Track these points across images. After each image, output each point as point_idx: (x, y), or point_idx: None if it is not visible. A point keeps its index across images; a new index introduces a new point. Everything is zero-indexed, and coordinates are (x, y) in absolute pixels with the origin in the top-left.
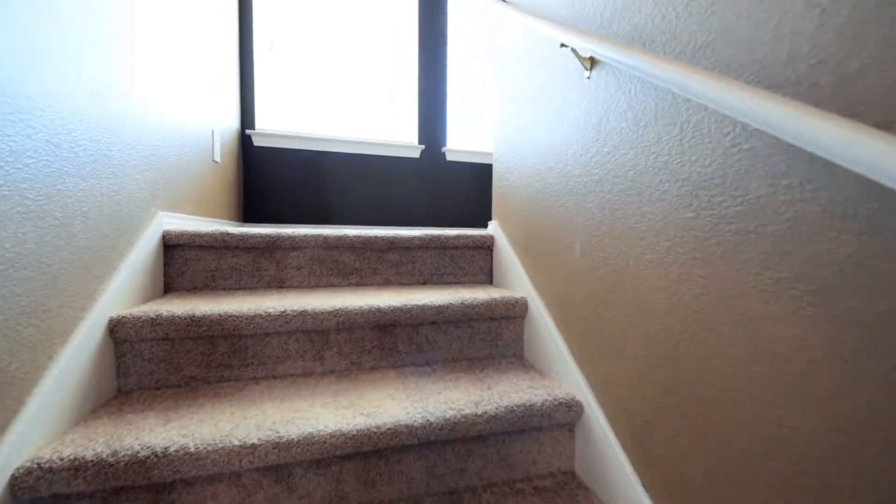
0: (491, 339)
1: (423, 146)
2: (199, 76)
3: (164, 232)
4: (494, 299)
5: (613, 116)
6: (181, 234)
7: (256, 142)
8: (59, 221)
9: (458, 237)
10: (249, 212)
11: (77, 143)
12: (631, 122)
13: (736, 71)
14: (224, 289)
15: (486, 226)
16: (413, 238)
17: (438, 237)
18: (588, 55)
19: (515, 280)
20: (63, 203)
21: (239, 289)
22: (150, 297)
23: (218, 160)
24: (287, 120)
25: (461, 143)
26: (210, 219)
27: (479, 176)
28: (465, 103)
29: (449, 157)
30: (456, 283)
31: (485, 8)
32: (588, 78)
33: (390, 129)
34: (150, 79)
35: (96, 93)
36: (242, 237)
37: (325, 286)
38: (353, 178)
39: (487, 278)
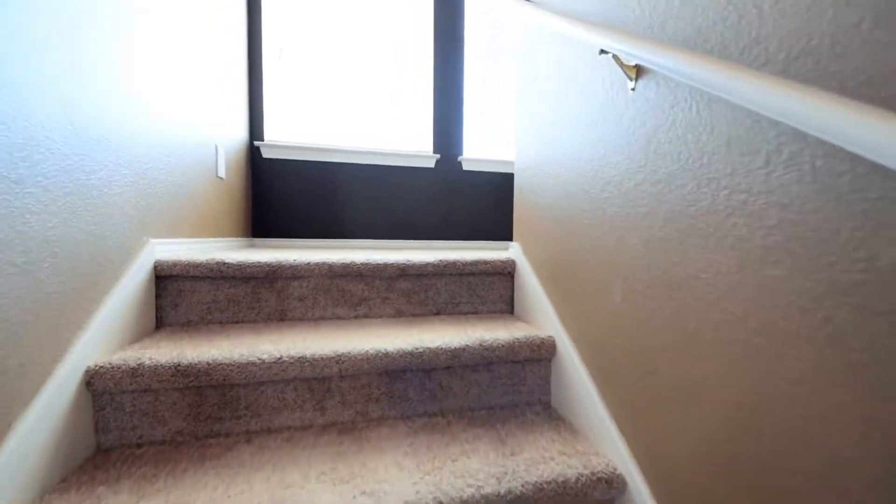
0: (513, 383)
1: (438, 155)
2: (202, 88)
3: (155, 262)
4: (517, 340)
5: (666, 138)
6: (174, 265)
7: (265, 153)
8: (21, 268)
9: (475, 263)
10: (259, 227)
11: (46, 174)
12: (691, 147)
13: (854, 90)
14: (221, 322)
15: (504, 237)
16: (426, 265)
17: (454, 263)
18: (633, 63)
19: (540, 314)
20: (25, 247)
21: (237, 322)
22: (139, 334)
23: (222, 176)
24: (296, 130)
25: (478, 151)
26: (213, 239)
27: (497, 186)
28: (482, 110)
29: (465, 167)
30: (473, 312)
31: (509, 9)
32: (632, 90)
33: (404, 138)
34: (142, 95)
35: (67, 115)
36: (240, 266)
37: (331, 318)
38: (365, 189)
39: (507, 307)
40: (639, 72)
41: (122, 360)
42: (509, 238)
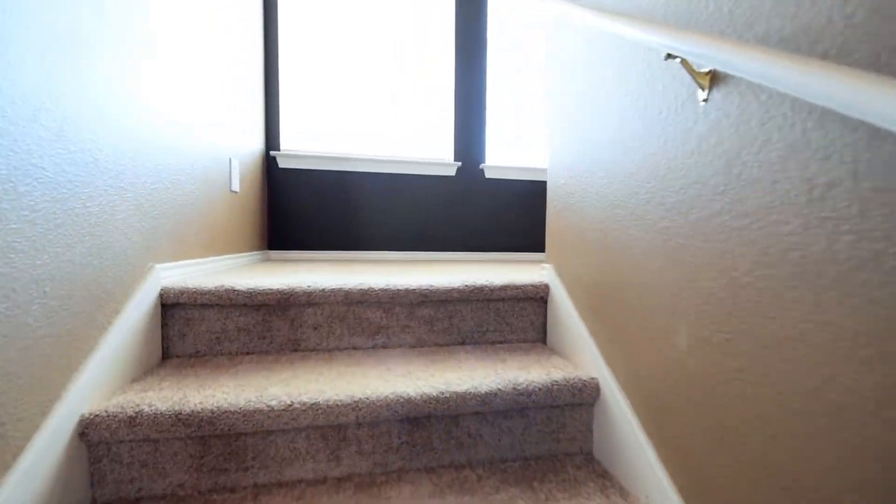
0: (551, 431)
1: (459, 163)
2: (216, 98)
3: (161, 289)
4: (556, 382)
5: (755, 162)
6: (181, 292)
7: (281, 164)
8: (3, 315)
9: (504, 288)
10: (274, 239)
11: (33, 207)
12: (794, 176)
13: None
14: (230, 353)
15: (530, 248)
16: (450, 290)
17: (481, 289)
18: (706, 69)
19: (579, 348)
20: (8, 290)
21: (247, 352)
22: (143, 368)
23: (236, 189)
24: (312, 139)
25: (501, 158)
26: (226, 256)
27: (521, 194)
28: (505, 114)
29: (488, 175)
30: (501, 341)
31: (542, 9)
32: (704, 101)
33: (423, 146)
34: (150, 108)
35: (61, 137)
36: (251, 294)
37: (346, 348)
38: (383, 199)
39: (539, 335)
40: (713, 80)
41: (119, 408)
42: (535, 249)
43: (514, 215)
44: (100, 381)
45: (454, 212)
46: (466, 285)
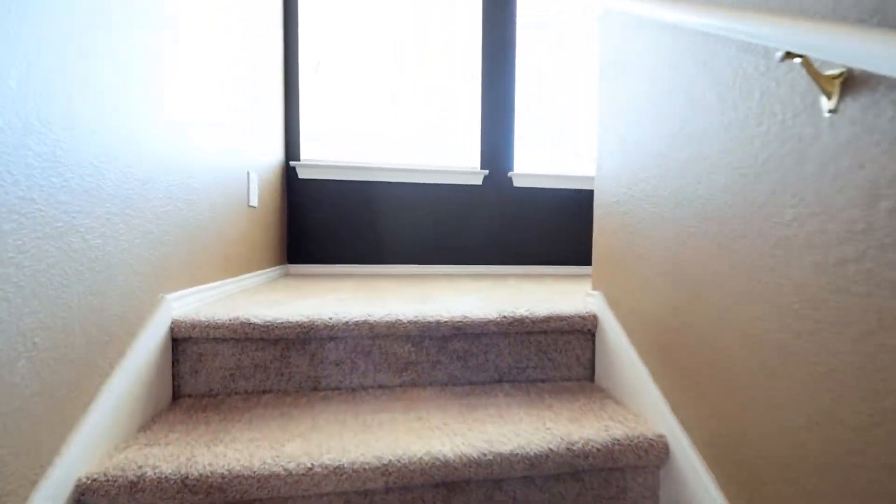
0: (610, 497)
1: (486, 171)
2: (235, 109)
3: (172, 322)
4: (617, 442)
5: None
6: (193, 326)
7: (301, 174)
8: None
9: (547, 320)
10: (294, 252)
11: (20, 248)
12: None
13: None
14: (245, 393)
15: (561, 261)
16: (486, 322)
17: (521, 321)
18: (839, 71)
19: (638, 393)
20: None
21: (264, 391)
22: (151, 412)
23: (254, 204)
24: (333, 148)
25: (531, 165)
26: (243, 276)
27: (552, 203)
28: (536, 119)
29: (516, 183)
30: (543, 379)
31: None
32: (831, 112)
33: (447, 153)
34: (163, 121)
35: (55, 164)
36: (268, 328)
37: (371, 385)
38: (407, 209)
39: (586, 372)
40: (846, 85)
41: (120, 470)
42: (568, 262)
43: (545, 226)
44: (101, 437)
45: (481, 223)
46: (504, 317)
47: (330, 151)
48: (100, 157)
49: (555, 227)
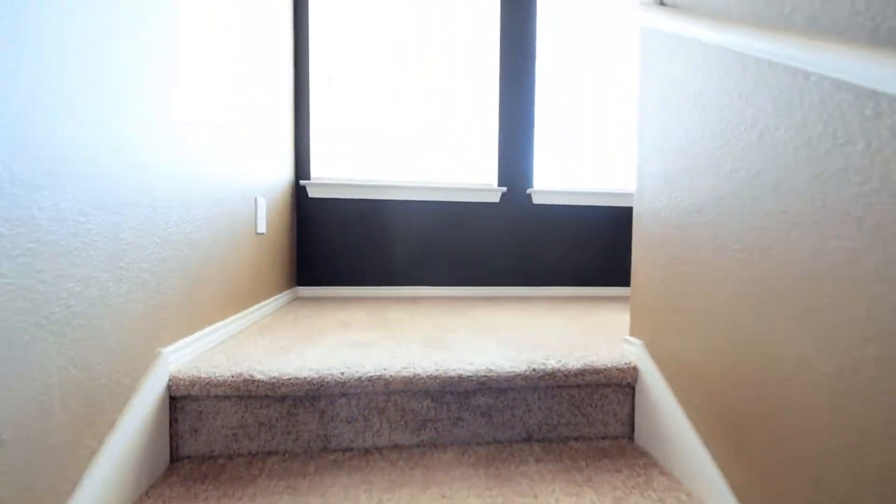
0: None
1: (503, 188)
2: (241, 132)
3: (169, 378)
4: None
5: None
6: (192, 383)
7: (311, 193)
8: None
9: (581, 373)
10: (304, 274)
11: None
12: None
13: None
14: (249, 454)
15: (584, 282)
16: (513, 377)
17: (552, 374)
18: None
19: (691, 467)
20: None
21: (270, 452)
22: (146, 481)
23: (263, 231)
24: (344, 166)
25: (550, 179)
26: (248, 310)
27: (573, 222)
28: (556, 132)
29: (536, 200)
30: (576, 437)
31: (626, 17)
32: None
33: (464, 170)
34: (165, 161)
35: (30, 223)
36: (273, 384)
37: (386, 445)
38: (421, 229)
39: (625, 430)
40: None
41: None
42: (589, 283)
43: (566, 245)
44: None
45: (499, 242)
46: (534, 370)
47: (341, 169)
48: (85, 210)
49: (577, 246)
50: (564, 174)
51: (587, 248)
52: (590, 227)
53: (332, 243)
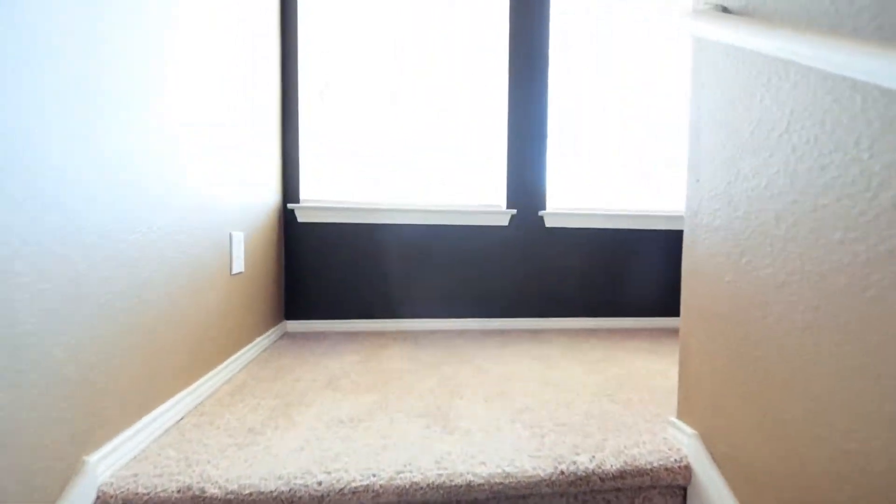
0: None
1: (513, 210)
2: (213, 158)
3: (98, 493)
4: None
5: None
6: (127, 499)
7: (301, 217)
8: None
9: (621, 476)
10: (294, 307)
11: None
12: None
13: None
14: None
15: (602, 312)
16: (537, 482)
17: (585, 479)
18: None
19: None
20: None
21: None
22: None
23: (240, 270)
24: (338, 186)
25: (563, 200)
26: (218, 368)
27: (590, 245)
28: (569, 146)
29: (548, 223)
30: None
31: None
32: None
33: (469, 191)
34: (100, 195)
35: None
36: (230, 502)
37: None
38: (422, 256)
39: None
40: None
41: None
42: (607, 313)
43: (580, 272)
44: None
45: (508, 270)
46: (562, 473)
47: (334, 191)
48: None
49: (592, 273)
50: (580, 193)
51: (604, 276)
52: (607, 252)
53: (325, 273)
